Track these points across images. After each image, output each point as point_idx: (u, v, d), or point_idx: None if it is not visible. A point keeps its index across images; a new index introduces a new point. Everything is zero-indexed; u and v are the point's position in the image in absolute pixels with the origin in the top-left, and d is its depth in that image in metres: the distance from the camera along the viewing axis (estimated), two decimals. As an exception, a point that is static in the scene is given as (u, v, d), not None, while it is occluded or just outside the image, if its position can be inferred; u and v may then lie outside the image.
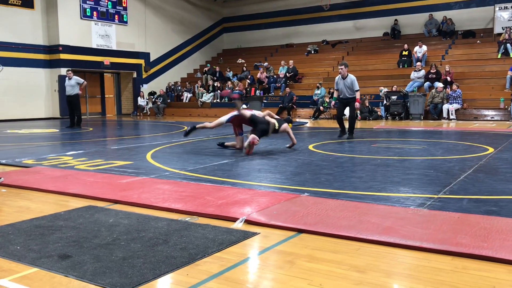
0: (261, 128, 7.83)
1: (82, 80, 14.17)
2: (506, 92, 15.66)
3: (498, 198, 4.37)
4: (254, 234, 3.45)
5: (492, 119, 15.33)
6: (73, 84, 13.95)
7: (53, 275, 2.72)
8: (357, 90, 9.72)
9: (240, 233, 3.47)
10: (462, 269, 2.75)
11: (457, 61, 18.55)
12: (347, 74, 9.70)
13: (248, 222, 3.72)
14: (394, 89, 16.80)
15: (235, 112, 8.12)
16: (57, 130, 13.62)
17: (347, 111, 10.24)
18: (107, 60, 21.47)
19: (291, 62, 21.07)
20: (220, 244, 3.22)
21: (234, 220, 3.77)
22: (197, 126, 8.58)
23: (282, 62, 21.21)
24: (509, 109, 14.85)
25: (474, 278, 2.63)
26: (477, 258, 2.90)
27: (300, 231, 3.49)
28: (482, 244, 3.05)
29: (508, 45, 17.48)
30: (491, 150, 7.73)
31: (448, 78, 16.57)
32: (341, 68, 9.71)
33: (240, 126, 8.25)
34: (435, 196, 4.46)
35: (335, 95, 10.11)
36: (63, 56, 19.77)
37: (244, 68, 22.70)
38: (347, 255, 3.01)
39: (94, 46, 21.03)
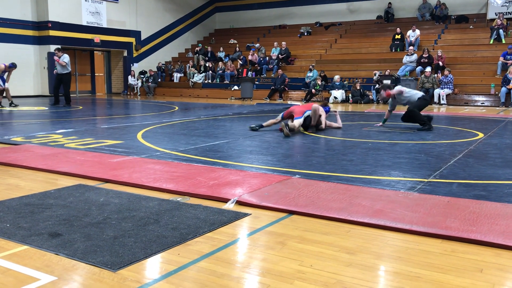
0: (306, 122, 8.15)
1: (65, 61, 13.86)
2: (497, 78, 15.73)
3: (487, 183, 4.41)
4: (245, 215, 3.46)
5: (483, 104, 15.43)
6: (67, 62, 13.78)
7: (44, 253, 2.70)
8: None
9: (231, 213, 3.47)
10: (451, 252, 2.78)
11: (449, 46, 18.56)
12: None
13: (239, 203, 3.72)
14: (387, 73, 16.79)
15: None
16: (47, 108, 13.47)
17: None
18: (97, 37, 21.15)
19: (283, 43, 20.93)
20: (211, 224, 3.22)
21: (225, 201, 3.77)
22: (265, 124, 8.33)
23: (275, 44, 21.06)
24: (499, 95, 14.94)
25: (463, 261, 2.66)
26: (465, 241, 2.93)
27: (291, 212, 3.51)
28: (471, 228, 3.08)
29: (501, 30, 17.50)
30: (481, 135, 7.79)
31: (440, 63, 16.59)
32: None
33: (290, 117, 8.23)
34: (425, 180, 4.50)
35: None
36: (53, 32, 19.43)
37: (237, 49, 22.52)
38: (338, 236, 3.04)
39: (84, 23, 20.69)
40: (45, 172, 4.89)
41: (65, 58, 13.82)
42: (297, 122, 7.93)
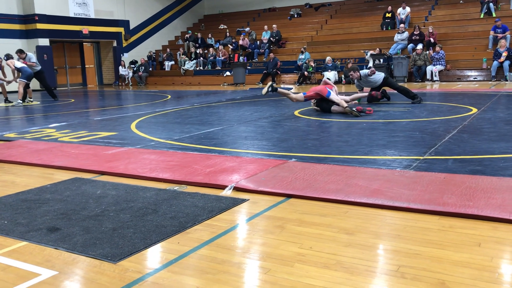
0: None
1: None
2: (488, 52, 15.72)
3: (482, 158, 4.43)
4: (243, 200, 3.47)
5: (475, 79, 15.43)
6: (35, 61, 13.48)
7: (43, 248, 2.70)
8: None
9: (229, 200, 3.48)
10: (449, 228, 2.80)
11: (440, 22, 18.48)
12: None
13: (237, 189, 3.72)
14: (376, 52, 16.72)
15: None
16: (38, 103, 13.36)
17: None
18: (85, 29, 20.91)
19: (274, 26, 20.77)
20: (210, 211, 3.23)
21: (223, 187, 3.77)
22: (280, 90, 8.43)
23: (265, 27, 20.90)
24: (491, 69, 14.94)
25: (461, 236, 2.68)
26: (463, 216, 2.96)
27: (289, 196, 3.52)
28: (468, 203, 3.10)
29: (491, 4, 17.43)
30: (474, 110, 7.81)
31: (432, 39, 16.54)
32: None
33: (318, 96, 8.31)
34: (421, 158, 4.51)
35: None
36: (40, 26, 19.17)
37: (227, 34, 22.34)
38: (336, 218, 3.05)
39: (72, 15, 20.43)
40: (40, 167, 4.86)
41: (32, 58, 13.43)
42: (341, 97, 8.14)
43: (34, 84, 19.43)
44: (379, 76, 9.45)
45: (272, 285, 2.18)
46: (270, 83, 8.22)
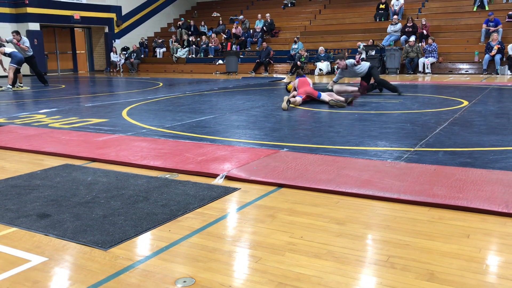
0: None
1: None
2: (480, 45, 15.77)
3: (472, 150, 4.47)
4: (234, 189, 3.47)
5: (467, 72, 15.50)
6: (28, 45, 13.28)
7: (33, 234, 2.69)
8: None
9: (221, 189, 3.48)
10: (438, 219, 2.83)
11: (433, 14, 18.49)
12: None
13: (228, 178, 3.72)
14: (369, 43, 16.72)
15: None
16: (28, 88, 13.21)
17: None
18: (77, 14, 20.62)
19: (267, 15, 20.65)
20: (201, 200, 3.23)
21: (214, 176, 3.77)
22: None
23: (259, 16, 20.78)
24: (482, 62, 15.01)
25: (450, 227, 2.71)
26: (452, 208, 2.98)
27: (280, 185, 3.52)
28: (458, 195, 3.13)
29: (484, -3, 17.46)
30: (465, 103, 7.85)
31: (424, 32, 16.55)
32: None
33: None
34: (412, 149, 4.54)
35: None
36: (30, 10, 18.88)
37: (220, 22, 22.18)
38: (327, 208, 3.06)
39: (63, -1, 20.15)
40: (30, 153, 4.82)
41: (26, 42, 13.24)
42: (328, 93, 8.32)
43: (25, 69, 19.20)
44: (365, 66, 9.48)
45: (262, 273, 2.19)
46: (286, 99, 7.87)
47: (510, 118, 6.31)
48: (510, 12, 16.31)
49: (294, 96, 8.18)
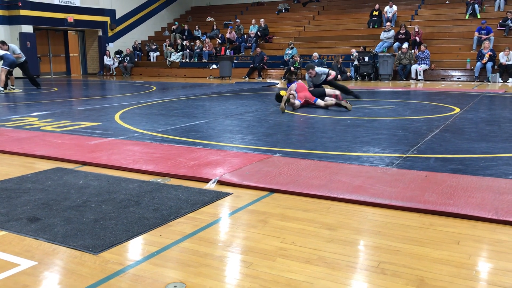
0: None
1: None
2: (472, 53, 15.92)
3: (463, 157, 4.50)
4: (227, 194, 3.46)
5: (459, 79, 15.62)
6: (19, 52, 13.19)
7: (23, 238, 2.67)
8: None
9: (213, 193, 3.47)
10: (429, 226, 2.84)
11: (426, 22, 18.64)
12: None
13: (220, 182, 3.72)
14: (361, 49, 16.80)
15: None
16: (20, 91, 13.14)
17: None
18: (70, 17, 20.58)
19: (261, 20, 20.72)
20: (193, 204, 3.22)
21: (206, 181, 3.77)
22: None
23: (253, 21, 20.84)
24: (474, 70, 15.13)
25: (440, 234, 2.72)
26: (443, 214, 3.00)
27: (272, 190, 3.52)
28: (448, 201, 3.15)
29: (476, 5, 17.63)
30: (457, 110, 7.91)
31: (417, 39, 16.68)
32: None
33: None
34: (403, 156, 4.56)
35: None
36: (24, 12, 18.81)
37: (214, 27, 22.22)
38: (319, 213, 3.07)
39: (57, 2, 20.08)
40: (21, 156, 4.79)
41: (16, 50, 13.13)
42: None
43: (17, 72, 19.13)
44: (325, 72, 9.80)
45: (253, 279, 2.18)
46: (284, 98, 8.04)
47: (500, 125, 6.37)
48: (501, 21, 16.49)
49: (294, 97, 8.23)
